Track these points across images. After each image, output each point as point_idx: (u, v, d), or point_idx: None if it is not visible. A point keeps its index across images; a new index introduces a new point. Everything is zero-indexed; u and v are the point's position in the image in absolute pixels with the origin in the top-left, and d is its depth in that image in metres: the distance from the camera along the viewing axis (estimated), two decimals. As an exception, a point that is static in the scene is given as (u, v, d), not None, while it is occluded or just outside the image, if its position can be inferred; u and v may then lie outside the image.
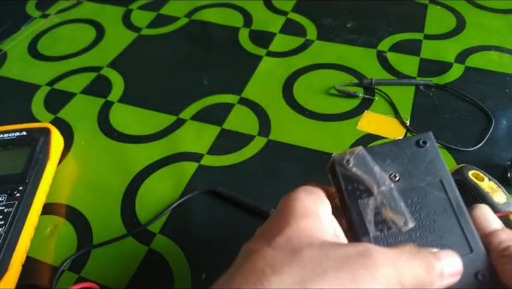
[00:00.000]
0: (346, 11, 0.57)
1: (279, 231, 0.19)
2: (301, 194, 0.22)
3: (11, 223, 0.33)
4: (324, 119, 0.43)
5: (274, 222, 0.20)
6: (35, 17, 0.60)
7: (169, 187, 0.38)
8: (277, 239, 0.19)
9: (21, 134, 0.39)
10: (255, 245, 0.19)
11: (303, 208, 0.21)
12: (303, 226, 0.19)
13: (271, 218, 0.21)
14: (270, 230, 0.20)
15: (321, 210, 0.22)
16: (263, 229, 0.21)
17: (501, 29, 0.53)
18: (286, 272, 0.17)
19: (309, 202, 0.22)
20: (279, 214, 0.21)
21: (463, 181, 0.32)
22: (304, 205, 0.21)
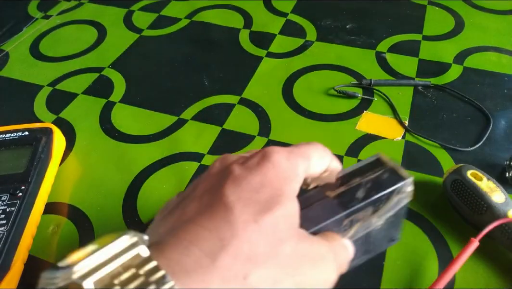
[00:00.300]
0: (346, 12, 0.58)
1: (269, 208, 0.19)
2: (296, 169, 0.21)
3: (13, 222, 0.33)
4: (324, 120, 0.43)
5: (264, 190, 0.19)
6: (37, 18, 0.61)
7: (170, 186, 0.38)
8: (266, 219, 0.18)
9: (23, 134, 0.39)
10: (243, 213, 0.18)
11: (294, 190, 0.21)
12: (291, 211, 0.19)
13: (256, 174, 0.20)
14: (258, 201, 0.19)
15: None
16: (250, 188, 0.19)
17: (500, 30, 0.53)
18: (265, 268, 0.18)
19: (296, 181, 0.21)
20: (271, 180, 0.20)
21: (462, 180, 0.33)
22: (296, 185, 0.21)
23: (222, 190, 0.19)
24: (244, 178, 0.20)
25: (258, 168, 0.20)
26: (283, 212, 0.19)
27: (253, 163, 0.21)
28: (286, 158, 0.21)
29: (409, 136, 0.41)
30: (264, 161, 0.20)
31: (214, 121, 0.44)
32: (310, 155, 0.23)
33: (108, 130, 0.44)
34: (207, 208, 0.19)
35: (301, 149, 0.22)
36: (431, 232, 0.33)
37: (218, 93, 0.47)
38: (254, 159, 0.21)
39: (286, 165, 0.21)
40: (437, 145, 0.40)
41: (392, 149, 0.40)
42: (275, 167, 0.20)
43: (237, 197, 0.19)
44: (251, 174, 0.20)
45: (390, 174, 0.24)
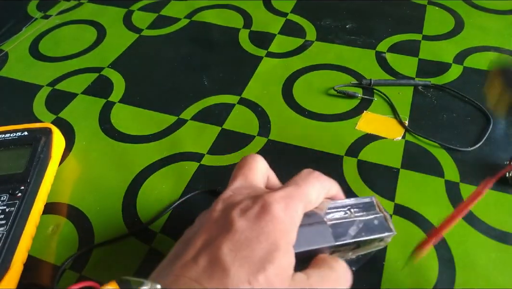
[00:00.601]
0: (345, 12, 0.58)
1: (263, 267, 0.20)
2: (294, 218, 0.22)
3: (12, 222, 0.33)
4: (324, 120, 0.43)
5: (259, 246, 0.20)
6: (36, 18, 0.61)
7: (170, 186, 0.38)
8: (260, 280, 0.20)
9: (23, 135, 0.39)
10: (237, 276, 0.19)
11: (291, 240, 0.22)
12: (284, 265, 0.21)
13: (254, 228, 0.21)
14: (254, 258, 0.20)
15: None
16: (247, 244, 0.20)
17: (500, 30, 0.53)
18: None
19: (294, 230, 0.22)
20: (268, 234, 0.21)
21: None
22: (293, 235, 0.22)
23: (221, 247, 0.20)
24: (241, 232, 0.21)
25: (257, 221, 0.21)
26: (276, 270, 0.20)
27: (252, 213, 0.22)
28: (285, 208, 0.22)
29: (409, 136, 0.41)
30: (263, 214, 0.22)
31: (213, 121, 0.44)
32: (309, 194, 0.24)
33: (108, 130, 0.44)
34: (206, 268, 0.20)
35: (299, 191, 0.24)
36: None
37: (217, 93, 0.47)
38: (254, 209, 0.22)
39: (284, 217, 0.22)
40: (437, 144, 0.40)
41: (392, 148, 0.40)
42: (273, 220, 0.21)
43: (233, 256, 0.20)
44: (249, 228, 0.21)
45: (380, 222, 0.26)
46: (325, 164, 0.39)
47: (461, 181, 0.37)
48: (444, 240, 0.33)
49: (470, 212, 0.35)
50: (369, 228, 0.26)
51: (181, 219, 0.36)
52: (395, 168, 0.38)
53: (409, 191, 0.36)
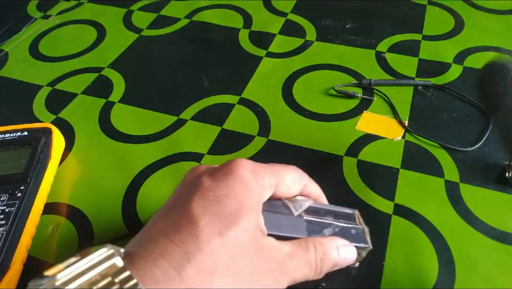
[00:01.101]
0: (345, 12, 0.58)
1: (233, 221, 0.20)
2: (261, 182, 0.23)
3: (12, 223, 0.33)
4: (323, 120, 0.43)
5: (229, 202, 0.21)
6: (36, 18, 0.61)
7: (170, 186, 0.38)
8: (230, 233, 0.20)
9: (23, 135, 0.39)
10: (208, 227, 0.20)
11: (258, 201, 0.22)
12: (252, 224, 0.21)
13: (223, 186, 0.21)
14: (223, 213, 0.20)
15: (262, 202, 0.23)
16: (216, 200, 0.21)
17: (500, 30, 0.53)
18: (225, 279, 0.19)
19: (261, 193, 0.23)
20: (236, 192, 0.21)
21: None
22: (257, 197, 0.22)
23: (190, 203, 0.21)
24: (211, 189, 0.21)
25: (225, 179, 0.22)
26: (246, 226, 0.21)
27: (220, 174, 0.22)
28: (251, 170, 0.23)
29: (409, 136, 0.41)
30: (230, 173, 0.22)
31: (213, 121, 0.44)
32: (281, 174, 0.24)
33: (108, 131, 0.44)
34: (175, 222, 0.20)
35: (271, 167, 0.24)
36: (431, 232, 0.33)
37: (217, 93, 0.47)
38: (221, 171, 0.23)
39: (250, 178, 0.22)
40: (437, 144, 0.40)
41: (392, 148, 0.40)
42: (239, 178, 0.22)
43: (203, 210, 0.20)
44: (217, 186, 0.22)
45: (358, 232, 0.26)
46: (325, 164, 0.39)
47: (461, 181, 0.37)
48: (444, 240, 0.33)
49: (470, 212, 0.35)
50: (344, 235, 0.25)
51: (181, 219, 0.36)
52: (395, 168, 0.38)
53: (409, 191, 0.36)
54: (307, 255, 0.23)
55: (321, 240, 0.24)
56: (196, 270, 0.19)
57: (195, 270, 0.19)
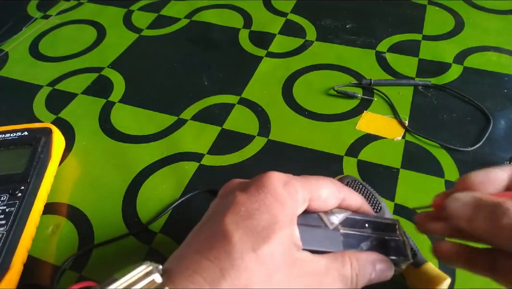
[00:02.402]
0: (345, 12, 0.58)
1: (266, 236, 0.20)
2: (294, 195, 0.23)
3: (12, 223, 0.33)
4: (324, 120, 0.43)
5: (261, 216, 0.21)
6: (36, 18, 0.61)
7: (170, 186, 0.38)
8: (264, 249, 0.20)
9: (23, 135, 0.39)
10: (241, 243, 0.20)
11: (291, 215, 0.22)
12: (286, 238, 0.21)
13: (254, 201, 0.21)
14: (255, 228, 0.20)
15: (297, 215, 0.23)
16: (249, 215, 0.21)
17: (500, 29, 0.53)
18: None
19: (294, 207, 0.22)
20: (268, 206, 0.21)
21: None
22: (290, 211, 0.22)
23: (222, 218, 0.21)
24: (242, 204, 0.21)
25: (256, 193, 0.22)
26: (279, 240, 0.20)
27: (252, 188, 0.22)
28: (284, 183, 0.22)
29: (409, 136, 0.41)
30: (261, 187, 0.22)
31: (213, 121, 0.44)
32: (316, 187, 0.24)
33: (108, 130, 0.44)
34: (209, 238, 0.21)
35: (306, 179, 0.24)
36: (431, 232, 0.33)
37: (217, 93, 0.47)
38: (253, 185, 0.22)
39: (282, 191, 0.22)
40: (437, 144, 0.40)
41: (392, 148, 0.40)
42: (271, 192, 0.22)
43: (235, 225, 0.20)
44: (249, 200, 0.21)
45: (397, 245, 0.25)
46: (325, 164, 0.39)
47: (461, 181, 0.37)
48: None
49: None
50: (383, 248, 0.24)
51: (181, 219, 0.36)
52: (395, 168, 0.38)
53: (409, 191, 0.36)
54: (343, 271, 0.22)
55: (358, 254, 0.23)
56: (231, 287, 0.19)
57: (230, 286, 0.19)
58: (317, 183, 0.24)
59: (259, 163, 0.40)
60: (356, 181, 0.33)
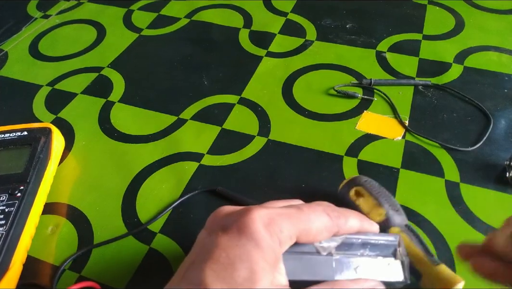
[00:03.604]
0: (346, 12, 0.58)
1: (245, 285, 0.19)
2: (278, 237, 0.21)
3: (12, 223, 0.33)
4: (324, 120, 0.43)
5: (241, 265, 0.20)
6: (36, 18, 0.61)
7: (169, 186, 0.38)
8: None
9: (22, 134, 0.39)
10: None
11: (273, 260, 0.21)
12: (267, 287, 0.20)
13: (235, 245, 0.20)
14: (236, 281, 0.19)
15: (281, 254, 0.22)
16: (229, 264, 0.20)
17: (500, 29, 0.53)
18: None
19: (277, 249, 0.21)
20: (249, 254, 0.20)
21: (343, 198, 0.32)
22: (272, 255, 0.21)
23: (204, 268, 0.20)
24: (223, 248, 0.20)
25: (238, 236, 0.21)
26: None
27: (234, 230, 0.21)
28: (267, 224, 0.21)
29: (409, 136, 0.41)
30: (243, 229, 0.21)
31: (213, 121, 0.44)
32: (305, 222, 0.22)
33: (107, 130, 0.44)
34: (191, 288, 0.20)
35: (295, 213, 0.22)
36: (431, 232, 0.33)
37: (217, 93, 0.47)
38: (236, 225, 0.21)
39: (264, 234, 0.21)
40: (437, 144, 0.40)
41: (392, 148, 0.40)
42: (252, 236, 0.21)
43: (215, 276, 0.20)
44: (230, 245, 0.21)
45: (394, 267, 0.24)
46: (325, 163, 0.39)
47: (461, 181, 0.37)
48: (444, 239, 0.33)
49: (470, 212, 0.35)
50: (379, 270, 0.24)
51: (181, 219, 0.36)
52: (395, 168, 0.38)
53: (409, 191, 0.36)
54: None
55: (347, 283, 0.23)
56: None
57: None
58: (307, 217, 0.23)
59: (259, 163, 0.39)
60: (373, 180, 0.33)
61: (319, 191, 0.37)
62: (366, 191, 0.32)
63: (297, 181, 0.38)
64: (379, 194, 0.31)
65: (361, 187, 0.32)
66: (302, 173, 0.38)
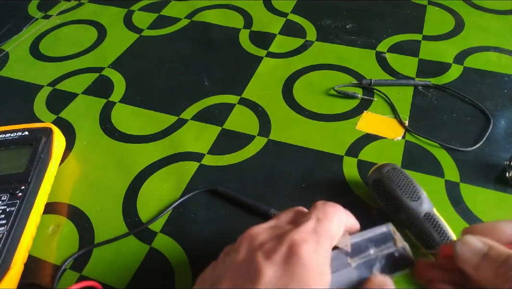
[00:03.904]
0: (346, 12, 0.58)
1: None
2: (327, 260, 0.21)
3: (13, 222, 0.33)
4: (324, 120, 0.43)
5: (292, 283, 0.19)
6: (37, 18, 0.61)
7: (170, 186, 0.38)
8: None
9: (23, 134, 0.39)
10: None
11: (323, 283, 0.20)
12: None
13: (287, 276, 0.19)
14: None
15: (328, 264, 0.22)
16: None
17: (500, 30, 0.53)
18: None
19: (329, 272, 0.21)
20: (299, 281, 0.19)
21: (381, 180, 0.33)
22: (323, 279, 0.20)
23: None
24: (269, 281, 0.19)
25: (286, 266, 0.19)
26: None
27: (279, 257, 0.20)
28: (315, 248, 0.20)
29: (409, 136, 0.41)
30: (292, 257, 0.19)
31: (214, 121, 0.44)
32: (332, 228, 0.23)
33: (108, 130, 0.44)
34: None
35: (323, 226, 0.22)
36: (431, 232, 0.33)
37: (218, 93, 0.47)
38: (280, 251, 0.20)
39: (316, 258, 0.20)
40: (437, 144, 0.40)
41: (392, 148, 0.40)
42: (304, 265, 0.19)
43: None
44: (277, 277, 0.19)
45: (401, 254, 0.25)
46: (325, 163, 0.39)
47: (461, 181, 0.37)
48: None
49: (470, 212, 0.35)
50: (391, 263, 0.25)
51: (182, 219, 0.36)
52: (395, 168, 0.38)
53: (409, 191, 0.36)
54: None
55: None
56: None
57: None
58: (329, 223, 0.23)
59: (259, 163, 0.40)
60: (396, 169, 0.33)
61: (319, 191, 0.37)
62: (384, 183, 0.32)
63: (297, 181, 0.38)
64: (398, 186, 0.32)
65: (381, 177, 0.33)
66: (302, 173, 0.38)
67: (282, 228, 0.23)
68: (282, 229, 0.23)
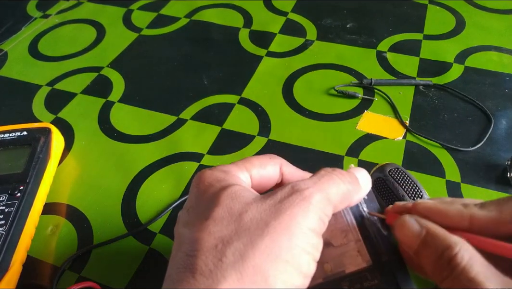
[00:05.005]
0: (346, 11, 0.57)
1: (216, 203, 0.19)
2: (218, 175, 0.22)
3: (12, 223, 0.33)
4: (324, 120, 0.43)
5: (205, 200, 0.20)
6: (35, 18, 0.61)
7: (169, 186, 0.38)
8: (218, 211, 0.18)
9: (22, 134, 0.39)
10: (194, 223, 0.19)
11: (226, 180, 0.21)
12: (234, 190, 0.20)
13: (198, 198, 0.20)
14: (205, 206, 0.19)
15: (242, 179, 0.22)
16: (195, 208, 0.20)
17: (501, 29, 0.53)
18: (236, 241, 0.17)
19: (230, 176, 0.21)
20: (207, 194, 0.20)
21: (384, 179, 0.33)
22: (226, 178, 0.21)
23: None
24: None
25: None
26: (227, 198, 0.20)
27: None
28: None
29: (410, 136, 0.41)
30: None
31: (213, 121, 0.44)
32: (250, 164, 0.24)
33: (107, 130, 0.44)
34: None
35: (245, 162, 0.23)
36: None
37: (217, 93, 0.47)
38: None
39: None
40: (438, 144, 0.40)
41: (393, 148, 0.40)
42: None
43: None
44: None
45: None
46: (326, 164, 0.39)
47: (462, 181, 0.37)
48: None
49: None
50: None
51: (181, 219, 0.36)
52: (396, 168, 0.38)
53: (410, 191, 0.36)
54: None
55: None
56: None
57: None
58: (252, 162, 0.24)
59: (259, 163, 0.39)
60: (399, 168, 0.33)
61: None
62: (386, 184, 0.32)
63: (298, 181, 0.38)
64: (412, 181, 0.32)
65: (384, 176, 0.33)
66: (303, 173, 0.38)
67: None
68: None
